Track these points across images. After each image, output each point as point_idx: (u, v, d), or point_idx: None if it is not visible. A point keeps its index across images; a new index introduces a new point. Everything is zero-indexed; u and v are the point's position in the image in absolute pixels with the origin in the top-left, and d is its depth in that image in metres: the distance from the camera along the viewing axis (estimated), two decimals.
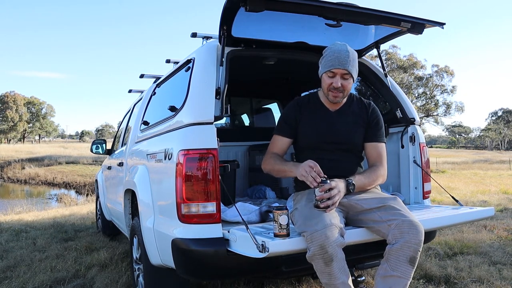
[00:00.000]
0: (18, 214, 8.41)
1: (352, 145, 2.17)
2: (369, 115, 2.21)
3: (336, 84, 2.04)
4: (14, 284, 3.15)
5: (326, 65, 2.06)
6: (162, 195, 2.20)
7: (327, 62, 2.05)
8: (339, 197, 1.87)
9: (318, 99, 2.24)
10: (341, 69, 2.02)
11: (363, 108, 2.23)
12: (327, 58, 2.06)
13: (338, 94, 2.08)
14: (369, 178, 2.07)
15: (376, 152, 2.18)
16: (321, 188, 1.85)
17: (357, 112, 2.21)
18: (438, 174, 17.53)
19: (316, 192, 1.86)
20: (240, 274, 2.24)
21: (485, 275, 2.91)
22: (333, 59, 2.02)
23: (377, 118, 2.22)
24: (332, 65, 2.02)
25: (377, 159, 2.17)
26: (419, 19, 2.26)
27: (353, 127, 2.17)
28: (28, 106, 70.72)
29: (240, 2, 1.93)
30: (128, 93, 4.58)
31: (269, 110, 4.51)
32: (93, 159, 27.89)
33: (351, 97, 2.24)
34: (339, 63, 2.01)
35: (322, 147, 2.14)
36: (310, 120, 2.18)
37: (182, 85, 2.34)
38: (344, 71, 2.03)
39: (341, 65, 2.01)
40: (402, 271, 1.74)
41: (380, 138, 2.20)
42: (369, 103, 2.26)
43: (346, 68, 2.02)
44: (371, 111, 2.22)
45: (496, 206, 6.27)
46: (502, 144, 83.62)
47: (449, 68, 31.82)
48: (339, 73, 2.04)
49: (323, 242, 1.64)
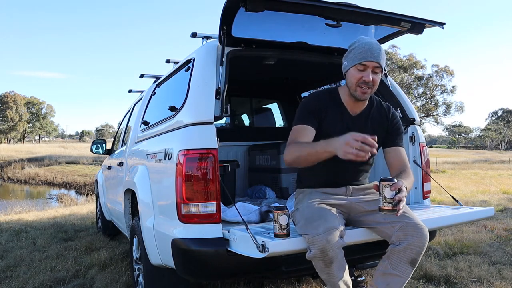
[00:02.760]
0: (18, 214, 8.40)
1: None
2: (389, 122, 2.11)
3: (367, 78, 1.89)
4: (14, 284, 3.15)
5: (356, 58, 1.90)
6: (162, 195, 2.20)
7: (357, 54, 1.90)
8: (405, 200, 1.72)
9: (339, 98, 2.07)
10: (374, 62, 1.88)
11: (383, 113, 2.11)
12: (357, 50, 1.91)
13: (367, 90, 1.93)
14: (409, 184, 1.93)
15: (400, 157, 2.07)
16: (393, 186, 1.67)
17: (377, 117, 2.09)
18: (438, 174, 17.52)
19: (386, 192, 1.68)
20: (240, 274, 2.24)
21: (485, 275, 2.91)
22: (364, 51, 1.88)
23: (397, 124, 2.12)
24: (364, 57, 1.88)
25: (403, 165, 2.05)
26: (419, 19, 2.26)
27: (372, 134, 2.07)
28: (28, 106, 70.68)
29: (240, 2, 1.93)
30: (128, 93, 4.58)
31: (269, 110, 4.51)
32: (93, 159, 27.87)
33: (372, 100, 2.11)
34: (371, 55, 1.88)
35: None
36: (329, 121, 2.01)
37: (182, 85, 2.34)
38: (376, 64, 1.89)
39: (373, 57, 1.88)
40: (402, 271, 1.76)
41: (401, 143, 2.11)
42: (389, 108, 2.16)
43: (379, 61, 1.89)
44: (391, 117, 2.12)
45: (496, 206, 6.27)
46: (502, 144, 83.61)
47: (449, 68, 31.80)
48: (370, 66, 1.89)
49: (324, 246, 1.64)
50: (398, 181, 1.70)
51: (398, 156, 2.07)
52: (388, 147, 2.09)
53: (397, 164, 2.06)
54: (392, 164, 2.08)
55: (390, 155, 2.08)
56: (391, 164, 2.08)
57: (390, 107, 2.17)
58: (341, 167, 2.00)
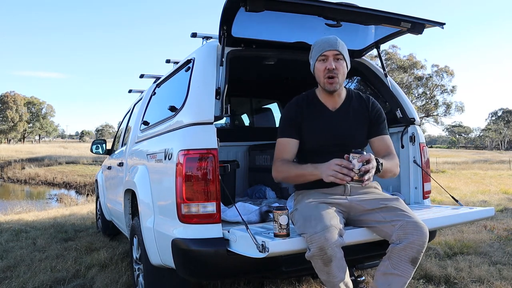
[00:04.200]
0: (18, 214, 8.41)
1: (355, 145, 2.09)
2: (370, 110, 2.15)
3: (330, 66, 1.98)
4: (14, 284, 3.15)
5: (316, 52, 2.03)
6: (162, 195, 2.20)
7: (317, 48, 2.03)
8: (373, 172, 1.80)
9: (317, 98, 2.15)
10: (332, 50, 1.99)
11: (363, 103, 2.17)
12: (315, 46, 2.04)
13: (334, 80, 2.01)
14: (391, 163, 2.01)
15: (384, 144, 2.13)
16: (361, 158, 1.75)
17: (358, 108, 2.14)
18: (438, 174, 17.52)
19: (354, 163, 1.76)
20: (240, 274, 2.24)
21: (485, 275, 2.91)
22: (322, 43, 2.01)
23: (378, 112, 2.17)
24: (323, 48, 2.00)
25: (388, 150, 2.12)
26: (419, 19, 2.26)
27: (355, 126, 2.11)
28: (28, 106, 70.70)
29: (240, 2, 1.93)
30: (128, 93, 4.58)
31: (269, 110, 4.52)
32: (93, 159, 27.88)
33: (350, 93, 2.18)
34: (329, 45, 1.99)
35: (325, 150, 2.06)
36: (311, 122, 2.10)
37: (182, 85, 2.34)
38: (336, 51, 1.99)
39: (331, 46, 1.98)
40: (403, 270, 1.76)
41: (385, 130, 2.16)
42: (368, 98, 2.20)
43: (337, 49, 1.99)
44: (371, 106, 2.17)
45: (496, 206, 6.27)
46: (502, 144, 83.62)
47: (449, 68, 31.78)
48: (331, 55, 2.00)
49: (323, 244, 1.64)
50: (367, 154, 1.79)
51: (383, 144, 2.14)
52: (373, 137, 2.15)
53: (381, 152, 2.13)
54: (377, 152, 2.14)
55: (375, 144, 2.15)
56: (376, 152, 2.14)
57: (369, 97, 2.21)
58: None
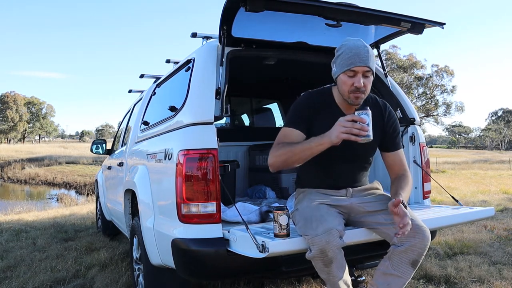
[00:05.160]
0: (18, 214, 8.40)
1: (364, 156, 2.06)
2: (385, 121, 2.04)
3: (358, 84, 1.81)
4: (14, 284, 3.15)
5: (344, 64, 1.83)
6: (162, 195, 2.20)
7: (345, 60, 1.83)
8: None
9: (332, 98, 2.01)
10: (363, 66, 1.81)
11: (379, 112, 2.03)
12: (344, 56, 1.84)
13: (360, 95, 1.86)
14: (408, 191, 1.94)
15: (399, 161, 2.05)
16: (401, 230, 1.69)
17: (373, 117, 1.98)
18: (438, 174, 17.52)
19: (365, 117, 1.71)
20: (240, 274, 2.24)
21: (485, 275, 2.91)
22: (352, 56, 1.81)
23: (394, 123, 2.06)
24: (352, 62, 1.80)
25: (402, 169, 2.04)
26: (419, 19, 2.26)
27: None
28: (28, 106, 70.67)
29: (240, 2, 1.93)
30: (128, 93, 4.58)
31: (269, 110, 4.52)
32: (93, 159, 27.87)
33: (367, 98, 2.02)
34: (359, 59, 1.80)
35: (332, 156, 1.93)
36: (323, 124, 1.90)
37: (182, 85, 2.34)
38: (366, 68, 1.82)
39: (362, 62, 1.80)
40: (403, 272, 1.77)
41: (399, 145, 2.07)
42: (385, 105, 2.08)
43: (368, 65, 1.81)
44: (388, 115, 2.05)
45: (496, 206, 6.27)
46: (502, 144, 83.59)
47: (449, 68, 31.80)
48: (360, 71, 1.82)
49: (324, 247, 1.64)
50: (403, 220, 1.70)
51: (398, 160, 2.06)
52: (388, 152, 2.06)
53: (394, 168, 2.06)
54: (391, 167, 2.07)
55: (389, 159, 2.07)
56: (390, 167, 2.07)
57: (386, 105, 2.10)
58: (340, 169, 2.01)
